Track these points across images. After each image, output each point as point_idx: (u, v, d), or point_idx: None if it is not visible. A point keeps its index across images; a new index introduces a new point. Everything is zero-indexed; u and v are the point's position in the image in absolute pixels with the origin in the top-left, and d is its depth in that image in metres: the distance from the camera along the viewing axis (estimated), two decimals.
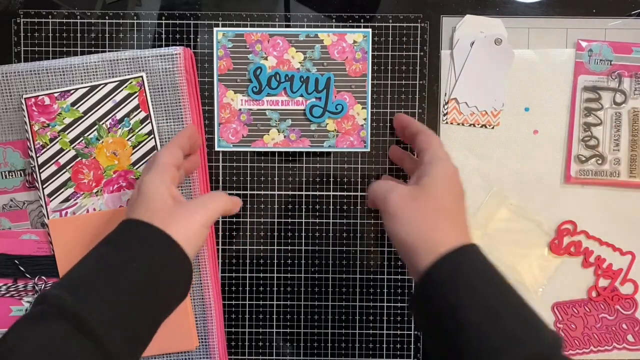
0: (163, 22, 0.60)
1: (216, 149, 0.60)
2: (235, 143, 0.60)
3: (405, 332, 0.61)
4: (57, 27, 0.60)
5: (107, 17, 0.60)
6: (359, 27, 0.60)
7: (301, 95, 0.59)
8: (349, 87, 0.60)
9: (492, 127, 0.61)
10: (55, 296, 0.39)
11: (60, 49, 0.60)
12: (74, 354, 0.36)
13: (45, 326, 0.37)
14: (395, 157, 0.59)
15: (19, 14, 0.60)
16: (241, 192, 0.61)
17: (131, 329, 0.40)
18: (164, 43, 0.60)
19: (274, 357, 0.61)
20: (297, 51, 0.59)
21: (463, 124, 0.61)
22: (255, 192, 0.61)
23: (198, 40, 0.60)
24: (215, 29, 0.59)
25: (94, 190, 0.58)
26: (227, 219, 0.61)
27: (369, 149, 0.60)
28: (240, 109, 0.59)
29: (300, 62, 0.59)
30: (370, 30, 0.60)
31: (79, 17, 0.60)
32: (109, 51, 0.60)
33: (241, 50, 0.59)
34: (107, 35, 0.60)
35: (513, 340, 0.38)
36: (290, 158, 0.61)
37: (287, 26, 0.60)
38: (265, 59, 0.59)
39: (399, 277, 0.61)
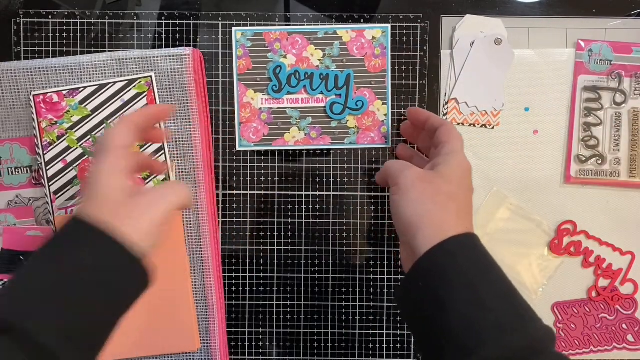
0: (163, 22, 0.60)
1: (237, 148, 0.60)
2: (257, 142, 0.60)
3: (405, 332, 0.61)
4: (57, 27, 0.60)
5: (107, 17, 0.60)
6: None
7: (321, 93, 0.59)
8: (369, 84, 0.60)
9: (492, 127, 0.61)
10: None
11: (60, 49, 0.60)
12: None
13: None
14: (405, 156, 0.58)
15: (19, 14, 0.60)
16: (241, 192, 0.61)
17: (82, 338, 0.38)
18: (164, 43, 0.60)
19: (274, 357, 0.61)
20: (316, 48, 0.59)
21: (463, 124, 0.61)
22: (256, 192, 0.61)
23: (198, 40, 0.60)
24: (234, 29, 0.59)
25: None
26: (227, 219, 0.61)
27: (390, 145, 0.60)
28: (260, 108, 0.60)
29: (319, 60, 0.59)
30: (389, 25, 0.60)
31: (79, 17, 0.60)
32: (116, 50, 0.60)
33: (260, 49, 0.60)
34: (107, 35, 0.60)
35: (500, 331, 0.37)
36: (290, 158, 0.61)
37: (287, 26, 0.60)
38: (285, 57, 0.59)
39: (399, 277, 0.61)
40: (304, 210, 0.61)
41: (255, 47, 0.60)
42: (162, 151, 0.58)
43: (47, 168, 0.58)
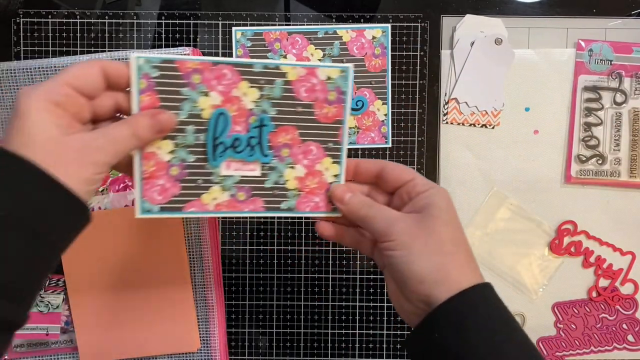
0: (163, 22, 0.60)
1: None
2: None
3: (405, 332, 0.61)
4: (57, 27, 0.60)
5: (107, 17, 0.60)
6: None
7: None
8: (369, 83, 0.60)
9: (493, 127, 0.61)
10: None
11: (60, 48, 0.60)
12: None
13: None
14: (348, 241, 0.47)
15: (19, 13, 0.60)
16: None
17: (12, 286, 0.34)
18: (163, 43, 0.60)
19: (273, 357, 0.61)
20: (316, 48, 0.59)
21: (463, 124, 0.60)
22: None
23: (198, 40, 0.60)
24: (234, 29, 0.59)
25: (100, 189, 0.58)
26: (227, 219, 0.61)
27: (390, 145, 0.60)
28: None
29: (319, 60, 0.59)
30: (389, 25, 0.59)
31: (78, 17, 0.60)
32: (116, 50, 0.60)
33: (260, 49, 0.60)
34: (107, 35, 0.60)
35: None
36: None
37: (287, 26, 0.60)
38: (285, 56, 0.59)
39: None
40: None
41: (255, 47, 0.60)
42: None
43: None
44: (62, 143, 0.35)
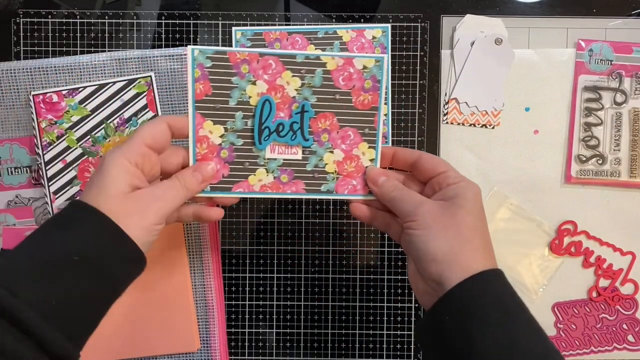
0: (163, 22, 0.60)
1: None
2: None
3: (406, 332, 0.61)
4: (56, 27, 0.60)
5: (107, 17, 0.60)
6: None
7: None
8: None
9: (493, 127, 0.61)
10: None
11: (60, 48, 0.60)
12: (12, 350, 0.34)
13: None
14: (379, 223, 0.49)
15: (19, 13, 0.60)
16: None
17: (69, 319, 0.37)
18: (163, 43, 0.60)
19: (274, 357, 0.61)
20: (316, 48, 0.59)
21: (463, 124, 0.60)
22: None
23: (198, 40, 0.60)
24: (234, 29, 0.59)
25: None
26: (227, 219, 0.61)
27: (390, 145, 0.60)
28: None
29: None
30: (389, 25, 0.59)
31: (78, 17, 0.60)
32: (116, 50, 0.60)
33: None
34: (107, 35, 0.60)
35: None
36: None
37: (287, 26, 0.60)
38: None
39: (399, 277, 0.61)
40: (304, 210, 0.61)
41: (255, 47, 0.59)
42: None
43: (47, 168, 0.58)
44: (130, 197, 0.41)
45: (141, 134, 0.43)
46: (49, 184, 0.58)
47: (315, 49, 0.59)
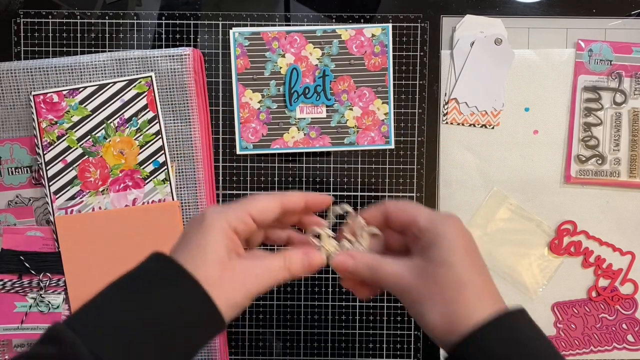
0: (163, 22, 0.60)
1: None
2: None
3: (405, 332, 0.61)
4: (57, 27, 0.60)
5: (107, 17, 0.60)
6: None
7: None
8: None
9: (492, 127, 0.61)
10: (73, 344, 0.34)
11: (60, 49, 0.60)
12: None
13: None
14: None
15: (19, 14, 0.60)
16: (241, 192, 0.61)
17: None
18: (164, 43, 0.60)
19: (274, 357, 0.61)
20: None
21: (463, 124, 0.61)
22: (256, 192, 0.61)
23: (198, 40, 0.60)
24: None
25: (100, 189, 0.58)
26: None
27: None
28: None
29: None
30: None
31: (79, 17, 0.60)
32: (116, 50, 0.60)
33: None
34: (107, 35, 0.60)
35: None
36: (290, 158, 0.61)
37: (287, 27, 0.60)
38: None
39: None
40: None
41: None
42: (162, 152, 0.58)
43: (47, 168, 0.58)
44: (227, 267, 0.38)
45: (251, 205, 0.41)
46: (50, 184, 0.58)
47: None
